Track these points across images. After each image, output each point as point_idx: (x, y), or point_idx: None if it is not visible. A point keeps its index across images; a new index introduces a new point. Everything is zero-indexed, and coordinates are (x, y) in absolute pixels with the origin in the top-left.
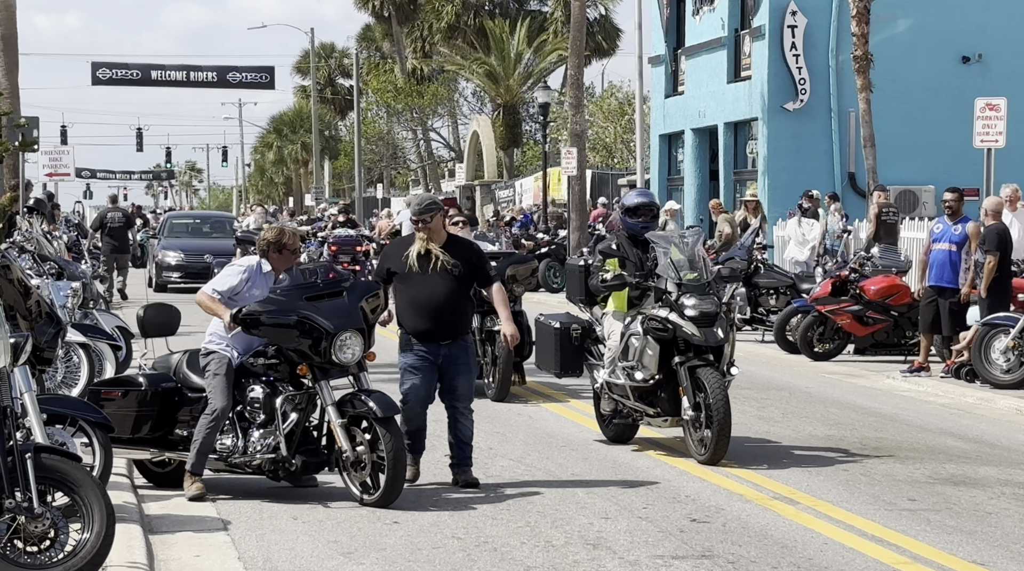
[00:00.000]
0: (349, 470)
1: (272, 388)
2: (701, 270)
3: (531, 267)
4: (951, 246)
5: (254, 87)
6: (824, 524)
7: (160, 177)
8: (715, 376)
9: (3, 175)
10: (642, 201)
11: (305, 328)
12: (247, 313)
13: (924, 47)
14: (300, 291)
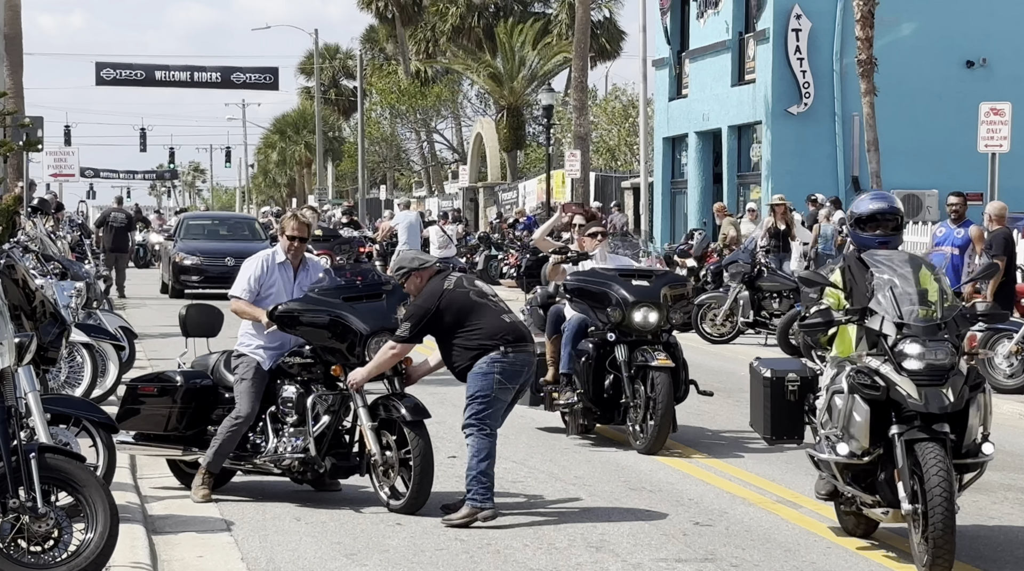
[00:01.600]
0: (379, 475)
1: (306, 388)
2: (936, 305)
3: (685, 289)
4: (953, 250)
5: (258, 88)
6: (827, 528)
7: (163, 177)
8: (937, 455)
9: (7, 175)
10: (879, 207)
11: (338, 329)
12: (284, 311)
13: (928, 51)
14: (339, 292)
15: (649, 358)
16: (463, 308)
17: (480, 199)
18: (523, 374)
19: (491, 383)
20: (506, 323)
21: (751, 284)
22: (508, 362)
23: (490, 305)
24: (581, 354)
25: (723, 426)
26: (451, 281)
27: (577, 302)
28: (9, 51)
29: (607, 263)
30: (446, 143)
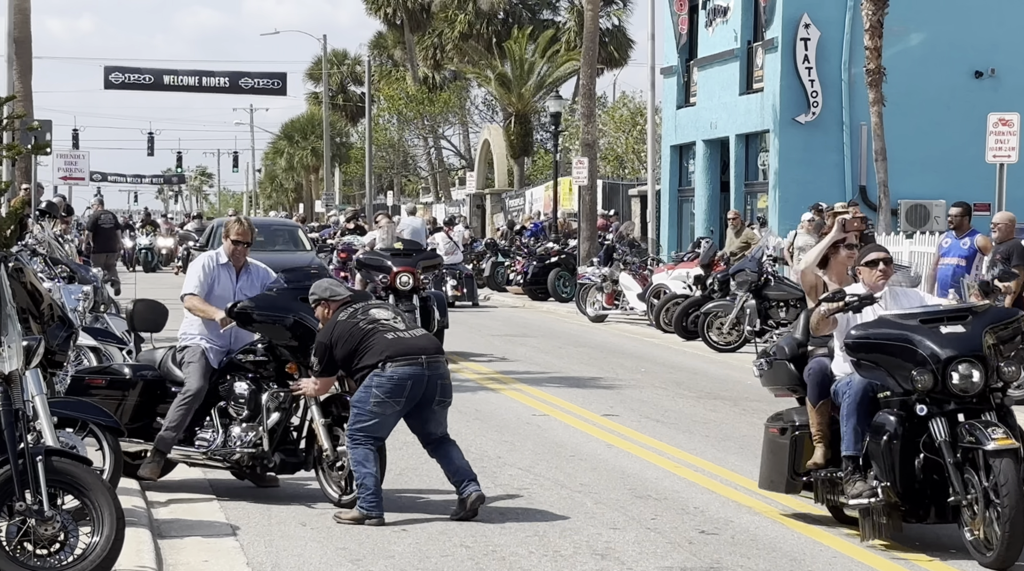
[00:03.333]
0: (327, 470)
1: (257, 385)
2: None
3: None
4: (959, 260)
5: (266, 93)
6: (833, 538)
7: (171, 182)
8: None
9: (15, 178)
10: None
11: (300, 329)
12: (243, 308)
13: (937, 61)
14: (295, 292)
15: (982, 438)
16: (353, 337)
17: (487, 206)
18: (408, 388)
19: (368, 396)
20: (388, 340)
21: (758, 293)
22: (386, 377)
23: (379, 328)
24: (878, 431)
25: (728, 434)
26: (346, 313)
27: (867, 364)
28: (19, 54)
29: (896, 303)
30: (453, 149)
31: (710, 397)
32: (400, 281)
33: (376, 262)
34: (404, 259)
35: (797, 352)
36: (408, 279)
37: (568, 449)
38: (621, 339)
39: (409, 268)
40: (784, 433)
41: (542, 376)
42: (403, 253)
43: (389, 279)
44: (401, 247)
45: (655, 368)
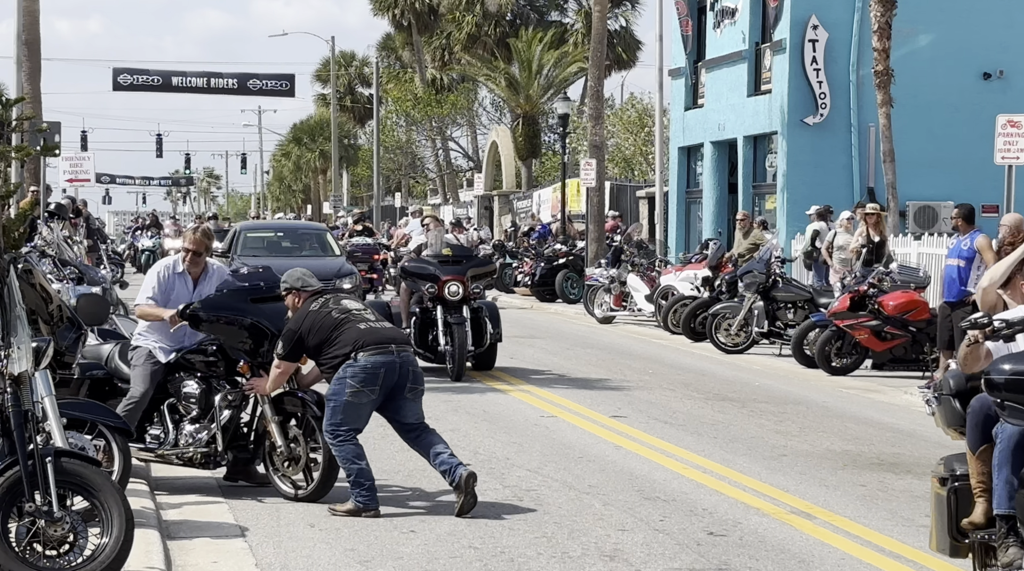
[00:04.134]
0: (280, 466)
1: (207, 384)
2: None
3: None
4: (960, 262)
5: (274, 95)
6: (841, 539)
7: (179, 183)
8: None
9: (24, 179)
10: None
11: (252, 330)
12: (194, 310)
13: (945, 63)
14: (246, 293)
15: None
16: (324, 326)
17: (495, 207)
18: (381, 377)
19: (343, 388)
20: (361, 330)
21: (766, 294)
22: (360, 367)
23: (351, 318)
24: None
25: (736, 436)
26: (318, 304)
27: (1017, 408)
28: (28, 56)
29: None
30: (461, 151)
31: (718, 399)
32: (449, 291)
33: (422, 270)
34: (453, 267)
35: (965, 386)
36: (457, 289)
37: (576, 451)
38: (629, 340)
39: (459, 277)
40: (944, 484)
41: (550, 377)
42: (452, 260)
43: (437, 289)
44: (450, 254)
45: (663, 369)
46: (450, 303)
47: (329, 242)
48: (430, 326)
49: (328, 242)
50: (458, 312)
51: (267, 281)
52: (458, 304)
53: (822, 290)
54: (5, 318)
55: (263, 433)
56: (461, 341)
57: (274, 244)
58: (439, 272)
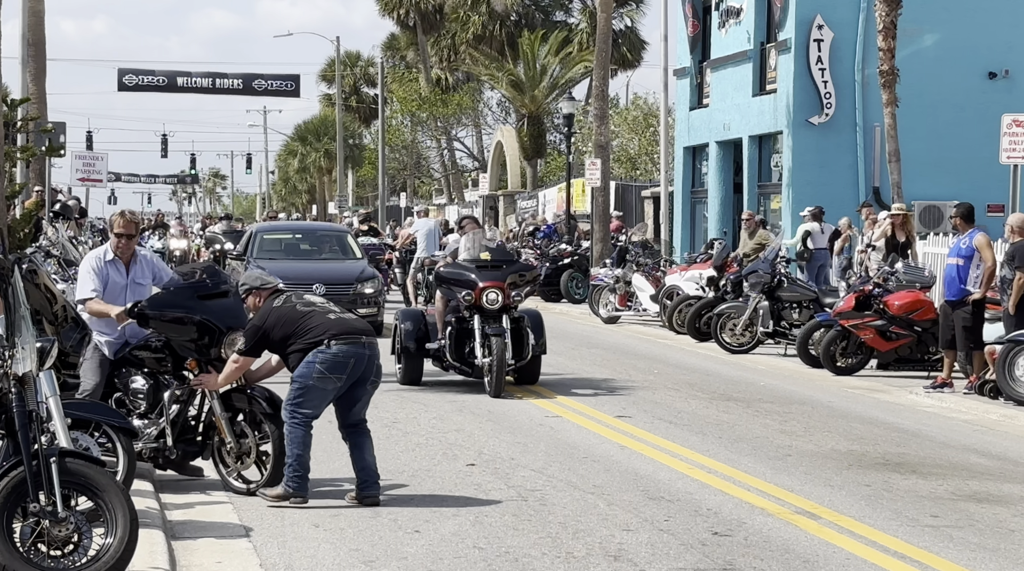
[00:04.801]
0: (230, 463)
1: (155, 379)
2: None
3: None
4: (958, 260)
5: (279, 95)
6: (846, 539)
7: (184, 183)
8: None
9: (30, 180)
10: None
11: (202, 326)
12: (142, 309)
13: (951, 62)
14: (192, 290)
15: None
16: (290, 320)
17: (500, 207)
18: (350, 366)
19: (311, 371)
20: (331, 320)
21: (771, 294)
22: (331, 353)
23: (316, 309)
24: None
25: (741, 436)
26: (281, 300)
27: None
28: (34, 57)
29: None
30: (466, 151)
31: (723, 399)
32: (487, 298)
33: (458, 276)
34: (492, 273)
35: None
36: (496, 296)
37: (581, 451)
38: (634, 340)
39: (497, 283)
40: None
41: (555, 377)
42: (491, 265)
43: (474, 296)
44: (489, 258)
45: (668, 369)
46: (488, 312)
47: (350, 244)
48: (467, 337)
49: (349, 244)
50: (497, 322)
51: (213, 278)
52: (497, 313)
53: (827, 290)
54: (9, 318)
55: (210, 428)
56: (500, 354)
57: (292, 246)
58: (477, 278)
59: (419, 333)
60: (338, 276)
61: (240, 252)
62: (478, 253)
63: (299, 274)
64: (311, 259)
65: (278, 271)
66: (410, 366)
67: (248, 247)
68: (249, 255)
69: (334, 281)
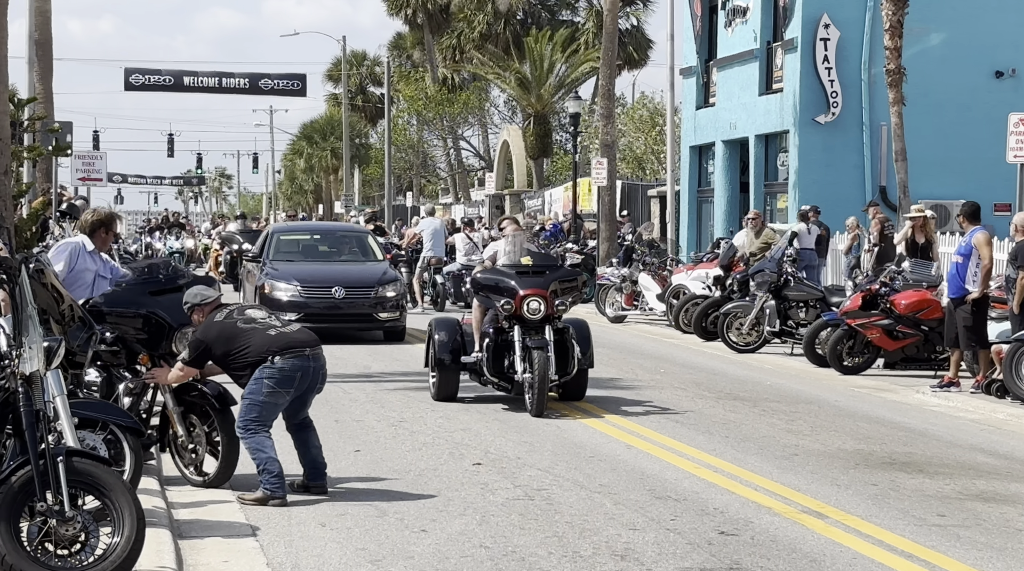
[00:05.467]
0: (185, 456)
1: (108, 373)
2: None
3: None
4: (959, 259)
5: (286, 94)
6: (853, 539)
7: (191, 183)
8: None
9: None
10: None
11: (152, 321)
12: (96, 304)
13: (957, 61)
14: (145, 286)
15: None
16: (231, 336)
17: (506, 206)
18: (297, 380)
19: (260, 388)
20: (272, 336)
21: (778, 293)
22: (277, 369)
23: (257, 327)
24: None
25: (748, 435)
26: (222, 314)
27: None
28: (40, 56)
29: None
30: (473, 150)
31: (730, 398)
32: (528, 308)
33: (497, 283)
34: (534, 279)
35: None
36: (539, 305)
37: (587, 450)
38: (640, 340)
39: (540, 290)
40: None
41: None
42: (532, 271)
43: (514, 305)
44: (530, 263)
45: (674, 369)
46: (530, 322)
47: (371, 246)
48: (506, 349)
49: (369, 246)
50: (539, 333)
51: (167, 274)
52: (539, 323)
53: (834, 290)
54: (17, 318)
55: (165, 421)
56: (542, 368)
57: (310, 248)
58: (517, 285)
59: (455, 344)
60: (358, 279)
61: (256, 253)
62: (519, 257)
63: (317, 277)
64: (330, 261)
65: (295, 273)
66: (445, 380)
67: (264, 248)
68: (265, 257)
69: (353, 284)
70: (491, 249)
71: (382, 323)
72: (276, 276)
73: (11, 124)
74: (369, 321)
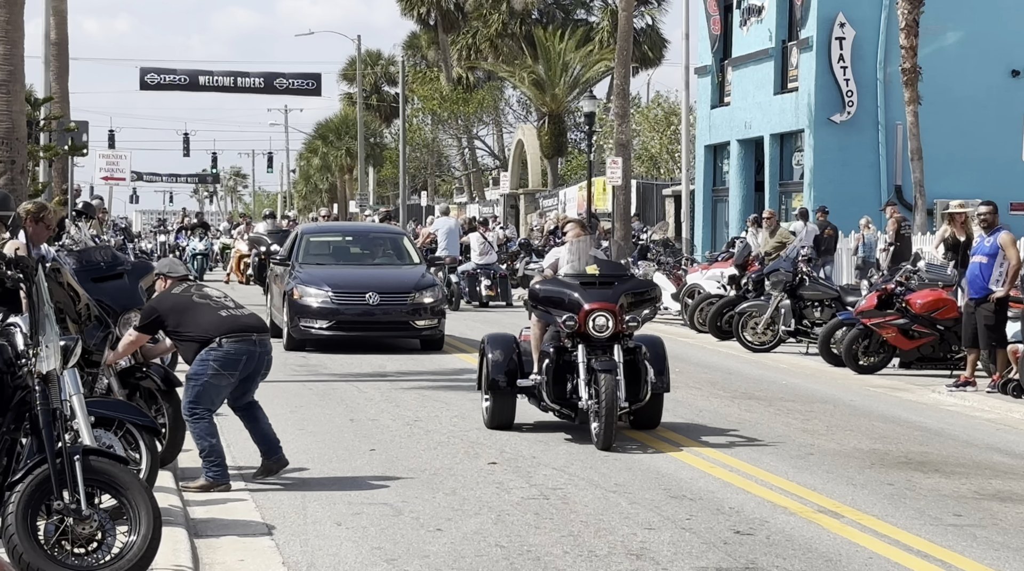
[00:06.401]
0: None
1: None
2: None
3: None
4: (983, 258)
5: (301, 94)
6: (869, 538)
7: (206, 182)
8: None
9: (52, 178)
10: None
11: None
12: None
13: (973, 60)
14: (87, 273)
15: None
16: (183, 309)
17: (521, 206)
18: (242, 363)
19: (206, 369)
20: (222, 317)
21: (793, 293)
22: (223, 352)
23: (211, 304)
24: None
25: (763, 434)
26: (180, 288)
27: None
28: (57, 56)
29: None
30: (487, 149)
31: (745, 397)
32: (594, 324)
33: (558, 295)
34: (601, 291)
35: None
36: (606, 321)
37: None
38: None
39: (608, 304)
40: None
41: None
42: (599, 281)
43: (578, 321)
44: (597, 273)
45: (689, 368)
46: (596, 341)
47: (406, 248)
48: (569, 372)
49: (405, 248)
50: (607, 353)
51: (106, 260)
52: (607, 342)
53: (849, 289)
54: (34, 317)
55: None
56: (610, 394)
57: (341, 250)
58: (581, 298)
59: (511, 365)
60: (393, 284)
61: (284, 256)
62: (583, 266)
63: (349, 281)
64: (363, 264)
65: (327, 278)
66: (501, 406)
67: (294, 251)
68: (295, 259)
69: (389, 290)
70: (551, 257)
71: (419, 331)
72: (306, 281)
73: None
74: (405, 329)
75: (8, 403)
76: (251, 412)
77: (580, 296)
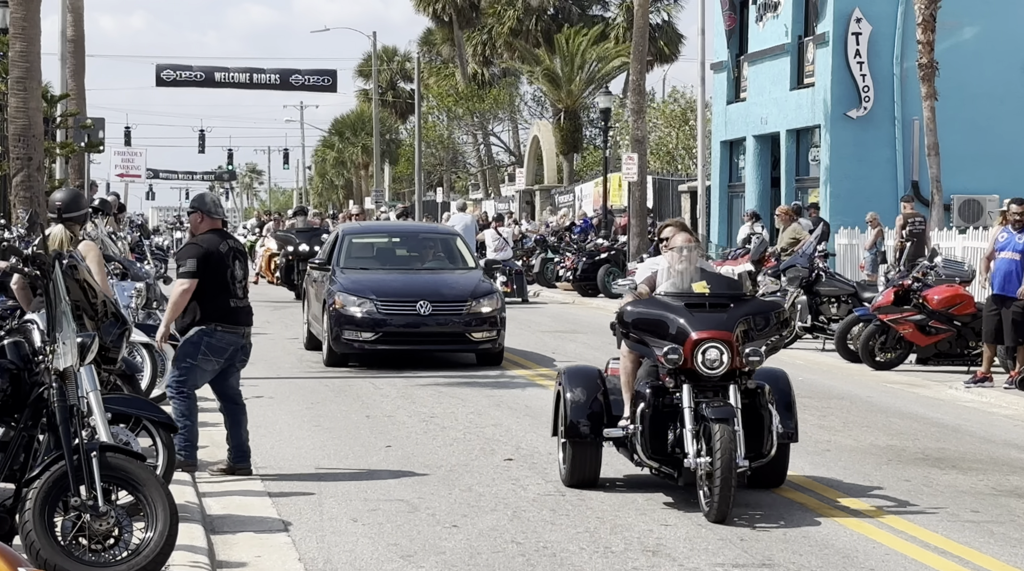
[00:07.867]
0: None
1: None
2: None
3: None
4: (1015, 255)
5: (316, 90)
6: (886, 534)
7: (222, 178)
8: None
9: (69, 175)
10: None
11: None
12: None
13: (990, 55)
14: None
15: None
16: (216, 271)
17: (536, 202)
18: (228, 352)
19: (196, 351)
20: (230, 307)
21: (809, 289)
22: (215, 339)
23: (229, 283)
24: None
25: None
26: (226, 246)
27: None
28: (73, 54)
29: None
30: (503, 146)
31: None
32: (704, 358)
33: (657, 319)
34: (712, 316)
35: None
36: (719, 354)
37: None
38: None
39: (722, 333)
40: None
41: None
42: (710, 303)
43: (683, 354)
44: (707, 292)
45: None
46: (707, 379)
47: (460, 251)
48: (671, 419)
49: (459, 251)
50: (720, 396)
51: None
52: (721, 382)
53: (866, 285)
54: (50, 313)
55: None
56: (726, 452)
57: (387, 252)
58: (687, 325)
59: (595, 407)
60: (448, 292)
61: (324, 259)
62: (689, 283)
63: (398, 289)
64: (413, 269)
65: (372, 285)
66: (582, 458)
67: (334, 253)
68: (335, 263)
69: (442, 298)
70: (646, 269)
71: (476, 344)
72: (348, 288)
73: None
74: (461, 341)
75: (25, 400)
76: (237, 415)
77: (686, 322)
